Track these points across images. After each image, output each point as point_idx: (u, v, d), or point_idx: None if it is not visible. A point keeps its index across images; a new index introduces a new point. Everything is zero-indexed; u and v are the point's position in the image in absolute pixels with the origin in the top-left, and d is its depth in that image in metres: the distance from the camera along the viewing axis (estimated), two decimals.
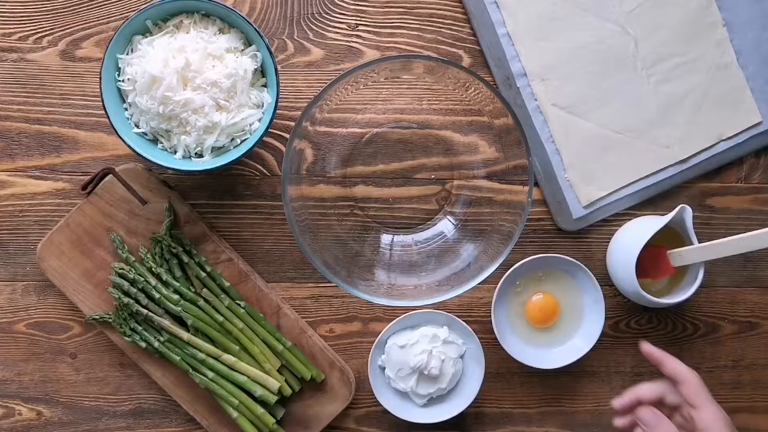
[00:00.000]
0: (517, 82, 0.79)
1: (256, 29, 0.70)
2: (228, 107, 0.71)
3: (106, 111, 0.70)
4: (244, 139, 0.73)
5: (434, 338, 0.79)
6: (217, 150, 0.73)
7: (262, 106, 0.73)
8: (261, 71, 0.74)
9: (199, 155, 0.74)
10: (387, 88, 0.80)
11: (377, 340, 0.80)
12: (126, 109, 0.73)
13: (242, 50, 0.73)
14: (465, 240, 0.77)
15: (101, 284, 0.79)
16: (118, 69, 0.72)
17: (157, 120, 0.72)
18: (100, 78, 0.70)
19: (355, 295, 0.69)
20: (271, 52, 0.71)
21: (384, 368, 0.80)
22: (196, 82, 0.70)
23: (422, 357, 0.77)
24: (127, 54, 0.72)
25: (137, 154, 0.71)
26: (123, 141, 0.71)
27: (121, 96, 0.73)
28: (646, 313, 0.83)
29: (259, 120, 0.73)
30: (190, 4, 0.71)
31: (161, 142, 0.74)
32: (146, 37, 0.72)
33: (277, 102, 0.72)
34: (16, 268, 0.81)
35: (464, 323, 0.80)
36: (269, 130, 0.74)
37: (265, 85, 0.74)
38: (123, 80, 0.72)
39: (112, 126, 0.71)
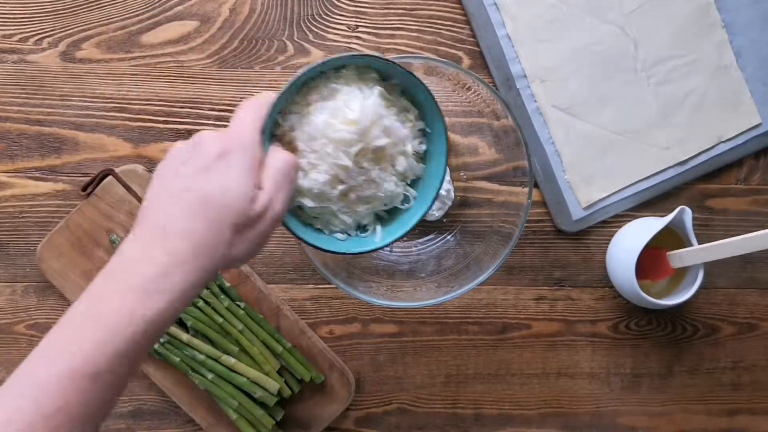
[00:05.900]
0: (517, 83, 0.79)
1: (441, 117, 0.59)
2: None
3: None
4: None
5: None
6: None
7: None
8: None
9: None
10: None
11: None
12: None
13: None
14: (465, 241, 0.77)
15: None
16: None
17: None
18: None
19: (355, 296, 0.69)
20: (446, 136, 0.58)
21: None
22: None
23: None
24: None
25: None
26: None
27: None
28: (646, 314, 0.83)
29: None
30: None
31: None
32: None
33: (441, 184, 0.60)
34: (15, 270, 0.81)
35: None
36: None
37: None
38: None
39: None
